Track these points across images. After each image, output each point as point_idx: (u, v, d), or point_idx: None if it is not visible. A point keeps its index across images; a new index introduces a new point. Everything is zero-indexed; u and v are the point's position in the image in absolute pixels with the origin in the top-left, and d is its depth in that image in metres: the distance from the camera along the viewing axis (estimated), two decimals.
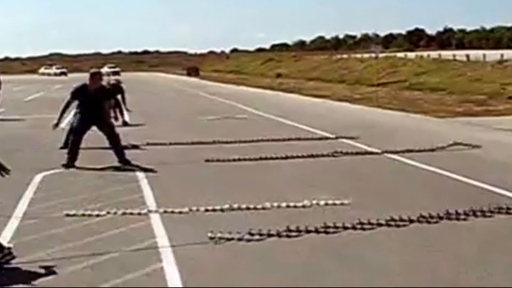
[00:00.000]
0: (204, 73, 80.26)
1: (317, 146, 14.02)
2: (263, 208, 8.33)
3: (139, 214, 8.19)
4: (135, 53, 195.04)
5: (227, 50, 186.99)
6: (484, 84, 36.50)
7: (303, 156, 12.50)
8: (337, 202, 8.54)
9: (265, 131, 17.10)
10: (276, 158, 12.42)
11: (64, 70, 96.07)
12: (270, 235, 7.01)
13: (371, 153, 12.91)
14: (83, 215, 8.17)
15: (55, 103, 30.72)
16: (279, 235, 7.03)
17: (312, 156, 12.53)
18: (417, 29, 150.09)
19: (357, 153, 12.87)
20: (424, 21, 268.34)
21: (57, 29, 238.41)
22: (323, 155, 12.60)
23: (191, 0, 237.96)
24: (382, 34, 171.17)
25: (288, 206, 8.42)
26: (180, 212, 8.18)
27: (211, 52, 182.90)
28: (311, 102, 29.08)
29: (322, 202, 8.52)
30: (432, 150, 13.01)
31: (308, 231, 7.13)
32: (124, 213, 8.21)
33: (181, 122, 20.55)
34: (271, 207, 8.39)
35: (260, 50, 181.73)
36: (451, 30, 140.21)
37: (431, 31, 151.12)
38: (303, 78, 59.78)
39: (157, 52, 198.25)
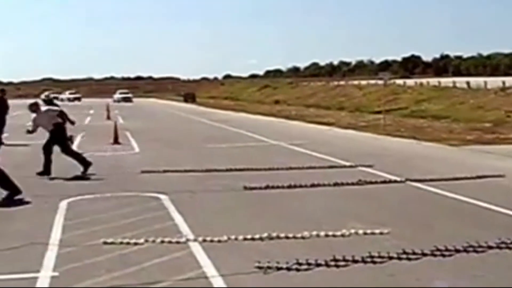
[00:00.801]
0: (200, 100, 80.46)
1: (337, 174, 14.06)
2: (303, 238, 8.34)
3: (178, 242, 8.18)
4: (128, 78, 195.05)
5: (220, 77, 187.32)
6: (487, 112, 36.74)
7: (329, 185, 12.53)
8: (376, 231, 8.56)
9: (279, 158, 17.16)
10: (302, 186, 12.44)
11: (78, 95, 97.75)
12: (318, 265, 7.02)
13: (394, 181, 12.96)
14: (121, 243, 8.16)
15: None
16: (327, 264, 7.04)
17: (337, 184, 12.58)
18: (413, 56, 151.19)
19: (381, 182, 12.90)
20: (420, 48, 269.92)
21: (50, 54, 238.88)
22: (347, 184, 12.64)
23: (183, 26, 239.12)
24: (377, 60, 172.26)
25: (327, 235, 8.44)
26: (219, 241, 8.18)
27: (204, 79, 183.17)
28: (317, 129, 29.16)
29: (360, 231, 8.54)
30: (456, 179, 13.04)
31: (354, 261, 7.14)
32: (162, 241, 8.21)
33: (190, 149, 20.59)
34: (310, 236, 8.41)
35: (253, 76, 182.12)
36: (447, 56, 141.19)
37: (427, 57, 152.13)
38: (301, 105, 59.98)
39: (150, 78, 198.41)
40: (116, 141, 22.31)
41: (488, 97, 42.92)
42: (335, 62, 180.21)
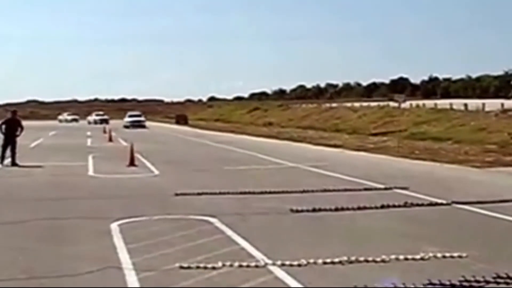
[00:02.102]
0: (190, 122, 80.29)
1: (377, 196, 14.02)
2: (383, 261, 8.23)
3: (257, 266, 8.05)
4: (112, 100, 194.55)
5: (204, 99, 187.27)
6: (490, 134, 36.85)
7: (376, 207, 12.45)
8: (454, 254, 8.48)
9: (306, 180, 17.07)
10: (349, 208, 12.36)
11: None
12: None
13: (441, 204, 12.90)
14: (198, 267, 8.01)
15: (59, 150, 30.77)
16: None
17: (384, 206, 12.49)
18: (401, 78, 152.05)
19: (427, 204, 12.85)
20: (408, 70, 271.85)
21: (34, 76, 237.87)
22: (394, 206, 12.56)
23: (167, 48, 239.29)
24: (364, 83, 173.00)
25: (406, 259, 8.35)
26: (300, 265, 8.05)
27: (189, 101, 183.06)
28: (328, 151, 29.13)
29: (439, 255, 8.46)
30: (502, 201, 13.00)
31: (452, 285, 7.06)
32: (240, 266, 8.07)
33: (210, 172, 20.44)
34: (390, 259, 8.30)
35: (238, 98, 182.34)
36: (436, 79, 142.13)
37: (415, 80, 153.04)
38: (295, 127, 59.97)
39: (134, 100, 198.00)
40: (132, 163, 22.10)
41: (489, 119, 43.07)
42: (322, 85, 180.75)
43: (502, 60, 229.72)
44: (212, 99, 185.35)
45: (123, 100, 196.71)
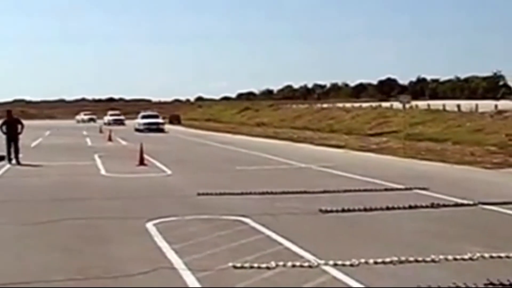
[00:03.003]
0: (183, 122, 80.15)
1: (400, 197, 14.10)
2: (433, 261, 8.29)
3: (310, 266, 8.08)
4: (100, 100, 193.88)
5: (192, 99, 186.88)
6: (487, 135, 37.00)
7: (404, 207, 12.52)
8: (502, 254, 8.55)
9: (321, 181, 17.10)
10: (378, 209, 12.42)
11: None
12: None
13: (467, 204, 12.98)
14: (252, 267, 8.04)
15: (61, 149, 30.66)
16: None
17: (412, 207, 12.56)
18: (389, 79, 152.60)
19: (453, 205, 12.93)
20: (395, 71, 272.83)
21: (21, 76, 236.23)
22: (422, 206, 12.64)
23: (153, 48, 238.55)
24: (352, 83, 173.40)
25: (455, 259, 8.42)
26: (352, 265, 8.09)
27: (177, 100, 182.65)
28: (332, 152, 29.20)
29: (486, 255, 8.53)
30: None
31: None
32: (293, 266, 8.10)
33: (222, 172, 20.46)
34: (439, 259, 8.36)
35: (225, 98, 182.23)
36: (424, 80, 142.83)
37: (403, 81, 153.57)
38: (288, 128, 59.97)
39: (121, 99, 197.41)
40: (142, 162, 22.06)
41: (485, 120, 43.26)
42: (310, 85, 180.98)
43: (490, 62, 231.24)
44: (199, 99, 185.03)
45: (110, 100, 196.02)
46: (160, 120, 56.77)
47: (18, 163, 22.84)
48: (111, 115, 79.77)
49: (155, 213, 12.07)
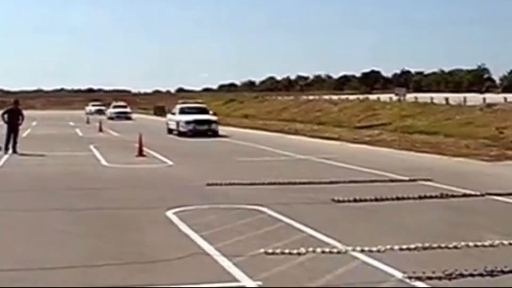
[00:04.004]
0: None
1: (406, 187, 14.52)
2: (455, 247, 8.74)
3: (339, 252, 8.49)
4: (79, 90, 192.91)
5: (172, 90, 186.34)
6: (478, 128, 37.59)
7: (414, 198, 12.97)
8: None
9: (325, 173, 17.48)
10: (389, 199, 12.86)
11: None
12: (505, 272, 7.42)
13: (475, 195, 13.45)
14: (283, 253, 8.43)
15: (53, 139, 30.90)
16: None
17: (422, 197, 13.00)
18: (373, 71, 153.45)
19: (462, 195, 13.40)
20: (379, 63, 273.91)
21: None
22: (431, 197, 13.09)
23: (132, 38, 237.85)
24: (335, 76, 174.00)
25: (476, 246, 8.87)
26: (379, 251, 8.50)
27: (157, 91, 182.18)
28: (327, 144, 29.63)
29: (505, 242, 8.99)
30: None
31: None
32: (323, 252, 8.51)
33: (223, 163, 20.89)
34: (461, 246, 8.81)
35: (207, 90, 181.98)
36: (408, 72, 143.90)
37: (387, 73, 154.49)
38: (275, 120, 60.31)
39: (101, 90, 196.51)
40: (141, 153, 22.37)
41: (474, 113, 43.85)
42: (292, 77, 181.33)
43: (475, 55, 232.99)
44: (180, 90, 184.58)
45: (90, 90, 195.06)
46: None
47: (15, 152, 23.15)
48: (115, 107, 69.47)
49: (170, 202, 12.38)
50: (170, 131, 36.75)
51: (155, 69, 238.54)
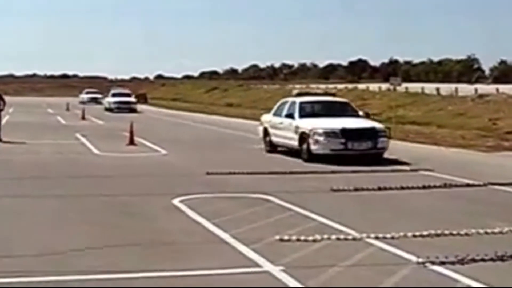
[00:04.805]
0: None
1: (408, 177, 15.05)
2: (466, 234, 9.24)
3: (354, 239, 8.96)
4: (52, 76, 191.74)
5: (151, 77, 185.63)
6: (470, 119, 38.23)
7: (418, 187, 13.47)
8: None
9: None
10: (392, 188, 13.35)
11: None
12: None
13: (477, 185, 13.95)
14: (298, 240, 8.87)
15: (36, 127, 31.11)
16: None
17: (426, 187, 13.51)
18: (360, 60, 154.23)
19: (465, 185, 13.93)
20: (367, 52, 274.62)
21: None
22: (435, 186, 13.59)
23: (109, 23, 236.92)
24: (321, 64, 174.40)
25: (487, 233, 9.38)
26: (393, 238, 8.97)
27: (135, 78, 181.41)
28: None
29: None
30: None
31: None
32: (338, 239, 8.97)
33: (216, 152, 21.34)
34: (472, 233, 9.33)
35: (188, 77, 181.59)
36: (396, 62, 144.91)
37: (375, 62, 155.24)
38: (259, 109, 60.60)
39: (75, 76, 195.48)
40: (131, 142, 22.71)
41: (466, 104, 44.50)
42: (277, 65, 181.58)
43: (464, 45, 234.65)
44: (159, 77, 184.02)
45: (64, 76, 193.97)
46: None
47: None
48: (115, 95, 57.45)
49: (174, 191, 12.72)
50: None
51: (132, 55, 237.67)
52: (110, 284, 7.01)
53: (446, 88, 52.01)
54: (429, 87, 55.07)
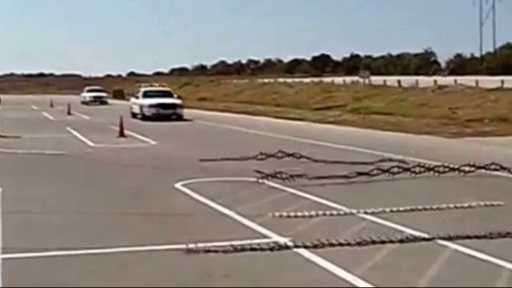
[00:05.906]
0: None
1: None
2: (438, 209, 9.97)
3: (346, 214, 9.57)
4: (30, 75, 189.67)
5: (124, 74, 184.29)
6: (432, 109, 39.12)
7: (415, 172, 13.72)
8: (494, 203, 10.33)
9: (309, 149, 18.39)
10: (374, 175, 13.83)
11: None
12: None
13: (453, 168, 14.04)
14: (296, 216, 9.44)
15: (26, 123, 31.23)
16: None
17: (405, 170, 13.88)
18: (323, 55, 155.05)
19: (441, 167, 14.26)
20: (329, 47, 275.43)
21: None
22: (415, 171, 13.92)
23: (82, 21, 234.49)
24: (285, 59, 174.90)
25: (456, 207, 10.11)
26: (384, 212, 9.59)
27: (108, 76, 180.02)
28: (295, 124, 30.72)
29: (481, 203, 10.29)
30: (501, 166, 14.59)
31: None
32: (332, 214, 9.56)
33: (203, 141, 21.78)
34: (443, 208, 10.04)
35: (158, 74, 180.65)
36: (357, 56, 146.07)
37: (337, 57, 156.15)
38: (233, 102, 61.09)
39: (51, 75, 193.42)
40: (122, 134, 23.09)
41: (427, 95, 45.45)
42: (243, 61, 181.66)
43: (421, 38, 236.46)
44: (131, 74, 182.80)
45: (41, 75, 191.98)
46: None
47: None
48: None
49: (175, 176, 13.10)
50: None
51: (104, 53, 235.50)
52: (137, 256, 7.49)
53: (406, 80, 52.93)
54: (391, 80, 55.84)
